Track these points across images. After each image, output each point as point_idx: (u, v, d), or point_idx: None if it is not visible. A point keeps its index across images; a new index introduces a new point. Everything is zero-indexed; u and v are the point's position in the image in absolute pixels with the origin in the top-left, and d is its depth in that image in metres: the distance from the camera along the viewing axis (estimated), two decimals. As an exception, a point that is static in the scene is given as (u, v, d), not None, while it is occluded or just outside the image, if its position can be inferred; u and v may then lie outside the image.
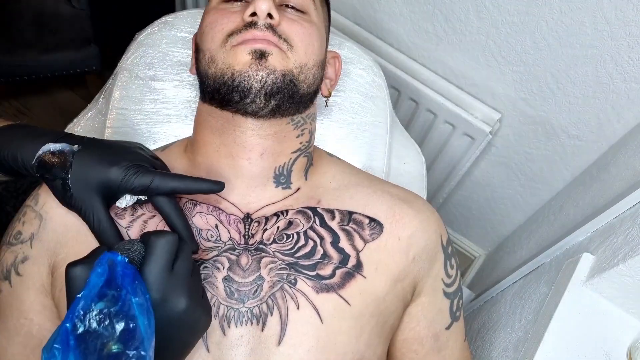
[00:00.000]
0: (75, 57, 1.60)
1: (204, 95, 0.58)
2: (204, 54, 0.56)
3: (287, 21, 0.56)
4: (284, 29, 0.55)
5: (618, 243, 0.65)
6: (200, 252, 0.53)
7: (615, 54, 0.85)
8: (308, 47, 0.56)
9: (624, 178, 0.79)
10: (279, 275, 0.52)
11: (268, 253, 0.54)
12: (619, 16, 0.81)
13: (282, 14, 0.56)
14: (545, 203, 1.18)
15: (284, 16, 0.56)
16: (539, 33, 0.91)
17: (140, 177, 0.48)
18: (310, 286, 0.52)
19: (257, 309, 0.50)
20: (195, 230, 0.54)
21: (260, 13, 0.53)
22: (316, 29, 0.59)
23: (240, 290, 0.51)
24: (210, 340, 0.49)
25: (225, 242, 0.54)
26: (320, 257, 0.54)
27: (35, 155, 0.47)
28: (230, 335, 0.49)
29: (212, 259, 0.53)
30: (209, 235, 0.54)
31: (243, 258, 0.53)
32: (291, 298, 0.51)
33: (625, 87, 0.88)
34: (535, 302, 0.77)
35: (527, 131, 1.09)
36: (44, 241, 0.54)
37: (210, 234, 0.54)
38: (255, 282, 0.51)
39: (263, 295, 0.51)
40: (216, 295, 0.50)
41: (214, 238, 0.54)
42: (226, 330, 0.49)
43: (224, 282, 0.51)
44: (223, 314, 0.50)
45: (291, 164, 0.60)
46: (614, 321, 0.66)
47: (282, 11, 0.57)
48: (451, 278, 0.62)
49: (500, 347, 0.81)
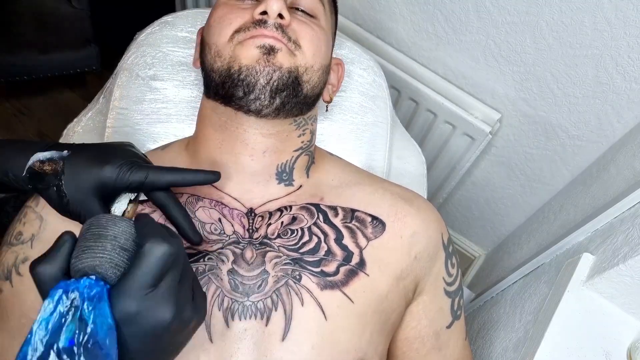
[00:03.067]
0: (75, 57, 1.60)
1: (208, 90, 0.58)
2: (209, 48, 0.56)
3: (297, 22, 0.56)
4: (293, 29, 0.55)
5: (618, 243, 0.65)
6: (204, 244, 0.53)
7: (615, 53, 0.85)
8: (316, 49, 0.57)
9: (624, 178, 0.79)
10: (284, 271, 0.52)
11: (273, 248, 0.54)
12: (619, 16, 0.81)
13: (293, 15, 0.56)
14: (545, 203, 1.18)
15: (294, 17, 0.56)
16: (539, 33, 0.91)
17: (135, 172, 0.47)
18: (315, 283, 0.52)
19: (261, 303, 0.50)
20: (198, 223, 0.54)
21: (271, 12, 0.53)
22: (324, 34, 0.59)
23: (245, 284, 0.51)
24: (213, 331, 0.49)
25: (230, 236, 0.54)
26: (324, 254, 0.54)
27: (25, 167, 0.46)
28: (234, 328, 0.49)
29: (216, 251, 0.53)
30: (213, 229, 0.54)
31: (248, 252, 0.53)
32: (296, 294, 0.51)
33: (625, 87, 0.88)
34: (536, 302, 0.77)
35: (527, 131, 1.09)
36: (45, 242, 0.53)
37: (214, 227, 0.54)
38: (260, 277, 0.51)
39: (268, 290, 0.51)
40: (221, 287, 0.50)
41: (217, 231, 0.54)
42: (230, 323, 0.49)
43: (229, 275, 0.51)
44: (227, 306, 0.50)
45: (293, 161, 0.60)
46: (614, 321, 0.65)
47: (292, 12, 0.57)
48: (452, 277, 0.62)
49: (500, 347, 0.81)
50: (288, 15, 0.54)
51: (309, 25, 0.57)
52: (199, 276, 0.51)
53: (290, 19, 0.55)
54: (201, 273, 0.51)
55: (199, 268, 0.51)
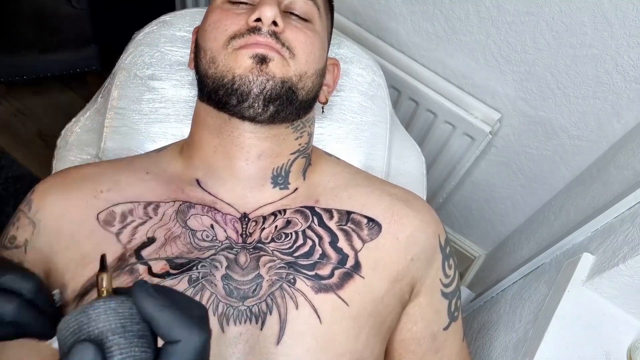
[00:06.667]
0: (75, 57, 1.60)
1: (202, 93, 0.58)
2: (204, 53, 0.56)
3: (291, 29, 0.56)
4: (287, 36, 0.55)
5: (618, 243, 0.65)
6: (195, 252, 0.53)
7: (615, 53, 0.85)
8: (309, 55, 0.57)
9: (624, 178, 0.79)
10: (278, 275, 0.52)
11: (267, 252, 0.53)
12: (619, 16, 0.81)
13: (287, 21, 0.56)
14: (545, 203, 1.18)
15: (288, 23, 0.56)
16: (539, 33, 0.91)
17: None
18: (309, 286, 0.52)
19: (256, 307, 0.50)
20: (189, 232, 0.54)
21: (265, 20, 0.53)
22: (319, 38, 0.59)
23: (239, 289, 0.51)
24: None
25: (222, 242, 0.54)
26: (319, 257, 0.54)
27: None
28: (229, 333, 0.49)
29: (209, 257, 0.52)
30: (204, 236, 0.54)
31: (241, 256, 0.53)
32: (290, 297, 0.51)
33: (625, 87, 0.88)
34: (536, 302, 0.77)
35: (527, 131, 1.08)
36: (38, 248, 0.53)
37: (206, 234, 0.54)
38: (255, 281, 0.51)
39: (262, 294, 0.51)
40: (215, 293, 0.50)
41: (209, 238, 0.54)
42: (225, 328, 0.49)
43: (223, 280, 0.51)
44: (222, 312, 0.49)
45: (289, 165, 0.60)
46: (614, 321, 0.65)
47: (286, 18, 0.57)
48: (449, 278, 0.62)
49: (500, 347, 0.81)
50: (282, 22, 0.54)
51: (303, 32, 0.57)
52: (192, 284, 0.50)
53: (285, 25, 0.55)
54: (194, 281, 0.50)
55: (192, 276, 0.51)
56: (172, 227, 0.54)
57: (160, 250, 0.52)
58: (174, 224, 0.54)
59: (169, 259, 0.51)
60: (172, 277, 0.50)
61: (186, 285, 0.50)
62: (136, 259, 0.51)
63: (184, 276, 0.50)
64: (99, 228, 0.53)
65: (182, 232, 0.54)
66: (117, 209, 0.54)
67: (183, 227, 0.54)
